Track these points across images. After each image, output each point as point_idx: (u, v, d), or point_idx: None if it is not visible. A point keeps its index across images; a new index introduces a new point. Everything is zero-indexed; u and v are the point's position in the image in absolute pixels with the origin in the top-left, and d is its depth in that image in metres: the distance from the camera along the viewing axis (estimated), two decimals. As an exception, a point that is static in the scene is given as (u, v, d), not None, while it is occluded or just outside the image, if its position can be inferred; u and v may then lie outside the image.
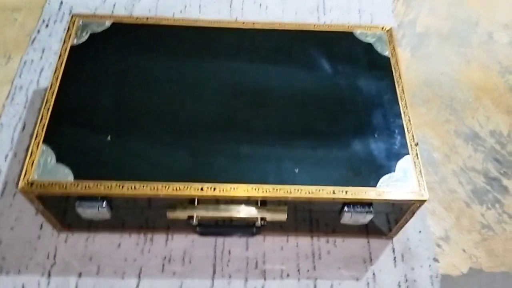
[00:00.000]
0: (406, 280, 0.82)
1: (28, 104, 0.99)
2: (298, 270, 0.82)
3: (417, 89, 1.06)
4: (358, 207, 0.74)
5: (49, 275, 0.80)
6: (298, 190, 0.72)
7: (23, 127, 0.96)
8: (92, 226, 0.82)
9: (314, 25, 0.93)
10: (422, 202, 0.73)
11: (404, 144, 0.78)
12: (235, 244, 0.84)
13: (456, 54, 1.13)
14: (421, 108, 1.04)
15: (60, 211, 0.78)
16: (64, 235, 0.84)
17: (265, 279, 0.81)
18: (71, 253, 0.82)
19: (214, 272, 0.82)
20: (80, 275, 0.80)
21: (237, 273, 0.82)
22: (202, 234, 0.78)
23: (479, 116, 1.03)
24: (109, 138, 0.75)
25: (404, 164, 0.75)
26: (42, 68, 1.05)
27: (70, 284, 0.79)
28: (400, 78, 0.85)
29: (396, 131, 0.79)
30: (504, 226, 0.89)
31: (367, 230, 0.85)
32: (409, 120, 0.80)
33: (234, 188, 0.71)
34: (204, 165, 0.74)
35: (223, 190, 0.71)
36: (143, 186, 0.71)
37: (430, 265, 0.83)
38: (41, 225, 0.84)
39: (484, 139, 1.00)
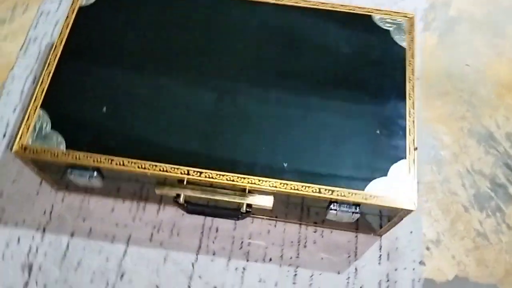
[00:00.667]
0: (388, 280, 0.82)
1: (40, 57, 1.00)
2: (281, 256, 0.83)
3: (437, 80, 1.01)
4: (344, 207, 0.73)
5: (43, 231, 0.84)
6: (283, 184, 0.71)
7: (34, 80, 0.98)
8: (88, 188, 0.84)
9: (332, 5, 0.88)
10: (409, 211, 0.71)
11: (403, 147, 0.75)
12: (223, 221, 0.85)
13: (486, 45, 1.05)
14: (437, 101, 0.99)
15: (56, 174, 0.80)
16: (61, 194, 0.87)
17: (247, 260, 0.83)
18: (66, 212, 0.86)
19: (199, 247, 0.84)
20: (72, 235, 0.84)
21: (222, 251, 0.83)
22: (189, 212, 0.79)
23: (498, 116, 0.97)
24: (104, 109, 0.76)
25: (398, 169, 0.73)
26: (57, 21, 1.05)
27: (62, 242, 0.83)
28: (413, 74, 0.81)
29: (397, 132, 0.76)
30: (500, 236, 0.86)
31: (356, 225, 0.84)
32: (413, 122, 0.77)
33: (219, 175, 0.71)
34: (194, 147, 0.74)
35: (208, 176, 0.71)
36: (132, 163, 0.72)
37: (414, 268, 0.82)
38: (41, 182, 0.87)
39: (499, 141, 0.95)
